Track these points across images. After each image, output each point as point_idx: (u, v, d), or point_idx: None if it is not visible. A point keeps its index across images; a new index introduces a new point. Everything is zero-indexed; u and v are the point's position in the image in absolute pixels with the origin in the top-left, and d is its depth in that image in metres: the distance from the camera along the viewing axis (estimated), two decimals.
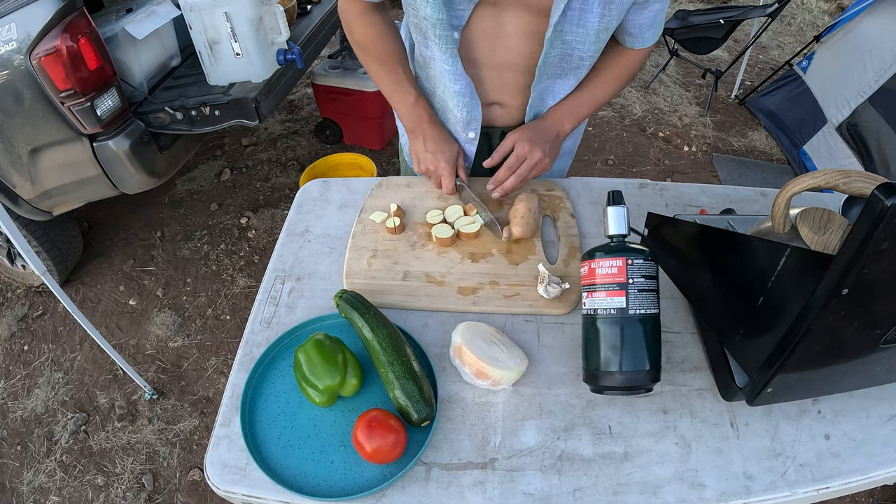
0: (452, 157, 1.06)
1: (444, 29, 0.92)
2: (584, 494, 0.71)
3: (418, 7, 0.92)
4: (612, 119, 3.45)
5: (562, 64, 0.99)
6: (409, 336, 0.86)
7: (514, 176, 1.03)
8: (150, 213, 2.77)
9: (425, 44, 1.00)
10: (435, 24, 0.92)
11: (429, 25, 0.93)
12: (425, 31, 0.96)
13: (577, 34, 0.92)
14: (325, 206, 1.13)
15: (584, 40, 0.93)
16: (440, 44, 0.95)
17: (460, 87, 1.02)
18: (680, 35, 3.30)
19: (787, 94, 3.25)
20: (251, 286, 2.40)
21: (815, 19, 4.56)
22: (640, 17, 0.94)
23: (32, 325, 2.30)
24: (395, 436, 0.71)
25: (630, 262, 0.73)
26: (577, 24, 0.90)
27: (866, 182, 0.63)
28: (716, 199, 1.12)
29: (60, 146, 1.85)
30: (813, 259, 0.61)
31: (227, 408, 0.80)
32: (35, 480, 1.81)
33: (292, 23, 2.45)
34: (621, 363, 0.72)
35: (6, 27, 1.63)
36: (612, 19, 0.90)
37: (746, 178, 3.01)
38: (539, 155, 1.02)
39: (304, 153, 3.14)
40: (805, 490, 0.71)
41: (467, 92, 1.03)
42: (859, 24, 2.80)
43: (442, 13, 0.90)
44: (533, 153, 1.02)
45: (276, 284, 0.97)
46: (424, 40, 0.99)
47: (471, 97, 1.04)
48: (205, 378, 2.08)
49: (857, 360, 0.68)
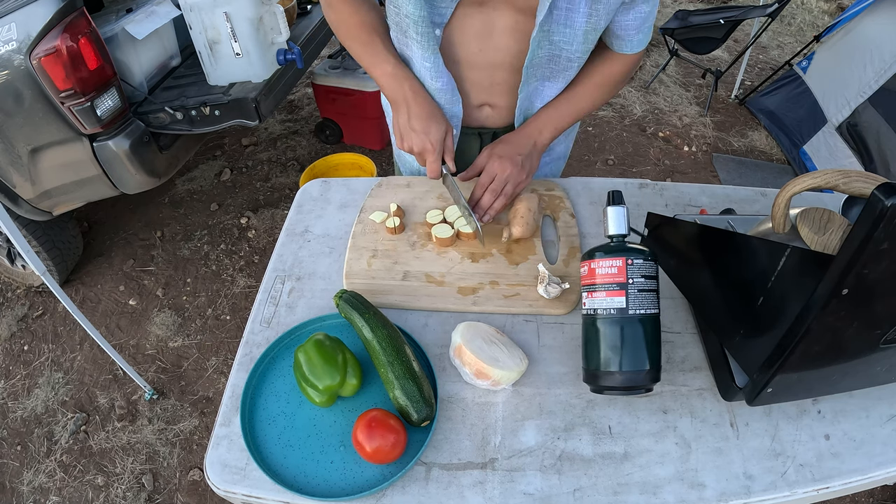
0: (439, 138, 0.97)
1: (425, 26, 0.92)
2: (584, 494, 0.71)
3: (400, 5, 0.91)
4: (612, 119, 3.45)
5: (550, 65, 0.98)
6: (409, 336, 0.86)
7: (489, 192, 0.99)
8: (150, 213, 2.77)
9: (405, 43, 0.99)
10: (417, 20, 0.91)
11: (410, 23, 0.92)
12: (406, 30, 0.95)
13: (565, 34, 0.91)
14: (325, 206, 1.13)
15: (572, 41, 0.92)
16: (421, 41, 0.94)
17: (441, 85, 1.00)
18: (680, 35, 3.30)
19: (787, 94, 3.25)
20: (251, 286, 2.40)
21: (815, 19, 4.56)
22: (627, 18, 0.92)
23: (32, 325, 2.30)
24: (395, 436, 0.71)
25: (630, 262, 0.73)
26: (564, 24, 0.90)
27: (866, 182, 0.63)
28: (716, 199, 1.12)
29: (60, 146, 1.85)
30: (813, 259, 0.61)
31: (227, 408, 0.80)
32: (35, 480, 1.81)
33: (292, 23, 2.45)
34: (621, 363, 0.72)
35: (6, 27, 1.63)
36: (599, 19, 0.89)
37: (746, 178, 3.01)
38: (511, 168, 0.98)
39: (304, 153, 3.14)
40: (805, 490, 0.71)
41: (448, 89, 1.01)
42: (859, 24, 2.80)
43: (423, 10, 0.89)
44: (503, 167, 0.98)
45: (276, 284, 0.97)
46: (405, 39, 0.98)
47: (452, 94, 1.02)
48: (205, 378, 2.08)
49: (857, 360, 0.68)
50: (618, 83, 1.06)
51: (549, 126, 1.04)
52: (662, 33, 3.46)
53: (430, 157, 0.97)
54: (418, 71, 1.01)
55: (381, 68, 1.00)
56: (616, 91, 1.08)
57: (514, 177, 1.00)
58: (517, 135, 1.04)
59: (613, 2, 0.88)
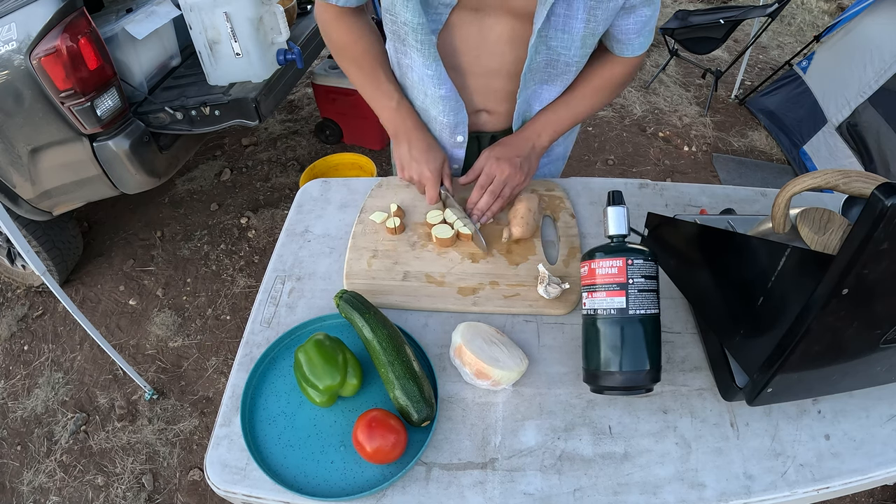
0: (438, 167, 1.02)
1: (424, 33, 0.91)
2: (584, 494, 0.71)
3: (397, 13, 0.90)
4: (612, 119, 3.45)
5: (548, 70, 0.97)
6: (409, 336, 0.86)
7: (488, 194, 1.00)
8: (150, 213, 2.77)
9: (404, 51, 0.98)
10: (416, 28, 0.90)
11: (409, 31, 0.92)
12: (405, 38, 0.94)
13: (563, 40, 0.91)
14: (325, 206, 1.13)
15: (570, 46, 0.92)
16: (421, 49, 0.94)
17: (445, 92, 1.00)
18: (680, 35, 3.30)
19: (787, 94, 3.25)
20: (251, 286, 2.40)
21: (815, 19, 4.56)
22: (628, 22, 0.92)
23: (32, 325, 2.30)
24: (396, 436, 0.71)
25: (630, 262, 0.73)
26: (563, 31, 0.89)
27: (866, 182, 0.63)
28: (716, 199, 1.12)
29: (60, 146, 1.85)
30: (813, 259, 0.61)
31: (227, 408, 0.80)
32: (35, 480, 1.81)
33: (292, 23, 2.45)
34: (621, 363, 0.72)
35: (6, 27, 1.63)
36: (598, 25, 0.89)
37: (746, 178, 3.01)
38: (509, 171, 0.99)
39: (304, 153, 3.14)
40: (805, 490, 0.71)
41: (452, 96, 1.01)
42: (859, 24, 2.80)
43: (422, 17, 0.88)
44: (502, 169, 0.99)
45: (276, 284, 0.97)
46: (404, 48, 0.98)
47: (455, 101, 1.02)
48: (205, 378, 2.08)
49: (857, 360, 0.68)
50: (618, 86, 1.05)
51: (548, 129, 1.05)
52: (662, 33, 3.46)
53: (429, 185, 1.02)
54: (420, 79, 1.00)
55: (384, 103, 1.05)
56: (616, 94, 1.08)
57: (512, 179, 1.00)
58: (516, 137, 1.04)
59: (612, 7, 0.87)
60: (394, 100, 1.04)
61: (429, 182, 1.02)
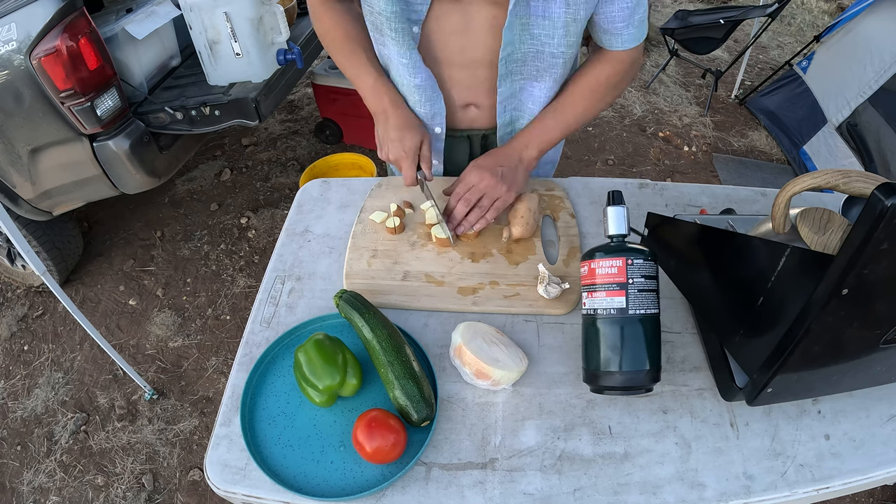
0: (414, 146, 0.98)
1: (399, 22, 0.91)
2: (584, 494, 0.71)
3: (373, 3, 0.91)
4: (612, 119, 3.45)
5: (536, 63, 0.96)
6: (409, 336, 0.86)
7: (462, 202, 0.97)
8: (150, 213, 2.77)
9: (382, 41, 0.98)
10: (390, 17, 0.90)
11: (384, 20, 0.92)
12: (381, 27, 0.95)
13: (545, 27, 0.90)
14: (325, 206, 1.13)
15: (553, 34, 0.91)
16: (396, 37, 0.93)
17: (420, 81, 0.99)
18: (680, 35, 3.30)
19: (787, 94, 3.25)
20: (251, 286, 2.40)
21: (815, 19, 4.56)
22: (612, 8, 0.90)
23: (32, 325, 2.30)
24: (395, 436, 0.71)
25: (630, 262, 0.73)
26: (543, 16, 0.88)
27: (866, 182, 0.63)
28: (716, 199, 1.12)
29: (60, 146, 1.85)
30: (813, 259, 0.61)
31: (227, 408, 0.80)
32: (35, 480, 1.81)
33: (292, 23, 2.45)
34: (621, 363, 0.72)
35: (6, 27, 1.63)
36: (579, 9, 0.88)
37: (746, 178, 3.01)
38: (489, 180, 0.97)
39: (304, 153, 3.14)
40: (805, 490, 0.71)
41: (428, 85, 1.00)
42: (859, 24, 2.80)
43: (396, 6, 0.89)
44: (481, 177, 0.97)
45: (276, 284, 0.97)
46: (381, 38, 0.98)
47: (432, 90, 1.01)
48: (205, 378, 2.08)
49: (857, 360, 0.68)
50: (611, 89, 1.03)
51: (535, 140, 1.02)
52: (662, 33, 3.46)
53: (405, 164, 0.98)
54: (396, 69, 1.00)
55: (363, 80, 1.03)
56: (612, 98, 1.05)
57: (491, 189, 0.97)
58: (503, 148, 1.03)
59: None
60: (371, 76, 1.01)
61: (404, 162, 0.98)
